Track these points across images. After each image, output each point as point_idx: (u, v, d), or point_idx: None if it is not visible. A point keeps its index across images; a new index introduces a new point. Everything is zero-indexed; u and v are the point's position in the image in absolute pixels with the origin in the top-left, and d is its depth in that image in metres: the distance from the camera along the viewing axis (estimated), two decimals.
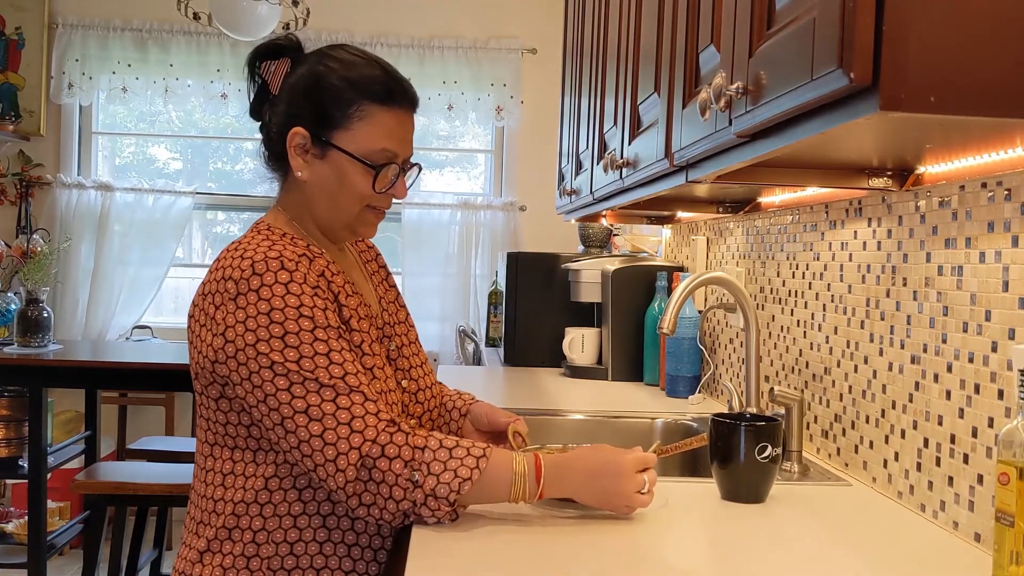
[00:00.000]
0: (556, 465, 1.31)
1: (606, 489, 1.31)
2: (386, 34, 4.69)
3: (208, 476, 1.39)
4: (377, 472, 1.23)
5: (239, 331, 1.28)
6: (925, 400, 1.41)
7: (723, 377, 2.43)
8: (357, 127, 1.39)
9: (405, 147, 1.45)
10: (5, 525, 3.94)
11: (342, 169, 1.40)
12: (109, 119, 4.88)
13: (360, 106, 1.39)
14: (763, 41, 1.07)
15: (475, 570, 1.14)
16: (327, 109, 1.39)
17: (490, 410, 1.63)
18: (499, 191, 4.89)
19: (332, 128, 1.39)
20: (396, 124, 1.43)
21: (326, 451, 1.23)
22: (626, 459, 1.31)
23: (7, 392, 3.53)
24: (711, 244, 2.59)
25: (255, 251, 1.32)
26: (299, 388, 1.25)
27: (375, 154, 1.40)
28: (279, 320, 1.27)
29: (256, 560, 1.33)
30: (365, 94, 1.39)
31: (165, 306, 4.83)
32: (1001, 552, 0.98)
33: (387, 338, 1.51)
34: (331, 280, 1.38)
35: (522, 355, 3.13)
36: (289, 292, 1.29)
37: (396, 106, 1.42)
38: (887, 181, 1.43)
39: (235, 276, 1.30)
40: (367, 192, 1.41)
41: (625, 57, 2.00)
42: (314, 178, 1.41)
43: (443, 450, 1.25)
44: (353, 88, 1.39)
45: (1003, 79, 0.82)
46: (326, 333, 1.29)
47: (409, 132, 1.46)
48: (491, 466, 1.26)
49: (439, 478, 1.23)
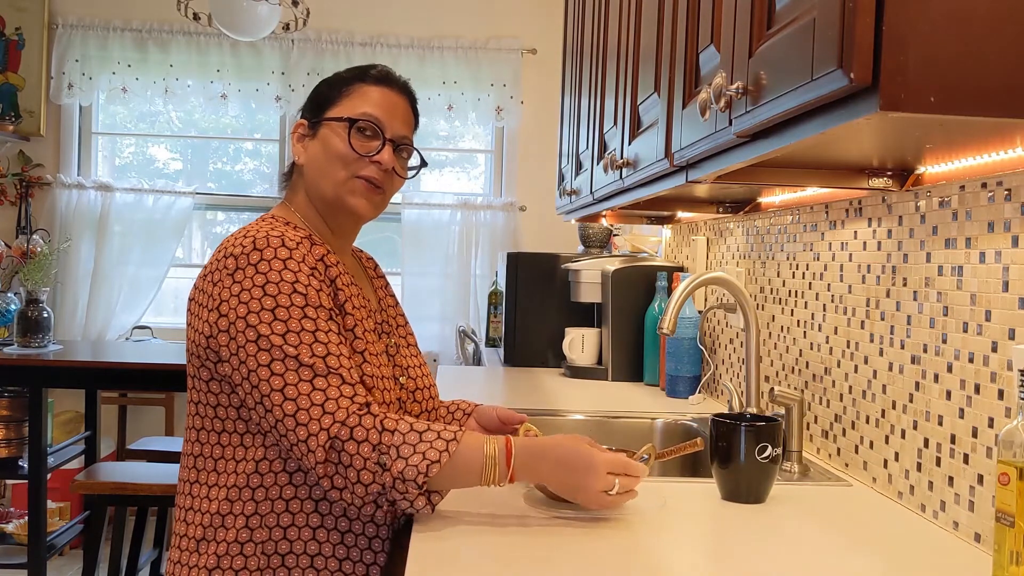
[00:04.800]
0: (527, 450, 1.30)
1: (574, 481, 1.30)
2: (386, 34, 4.69)
3: (198, 462, 1.40)
4: (345, 455, 1.23)
5: (232, 304, 1.31)
6: (925, 400, 1.41)
7: (723, 377, 2.43)
8: (345, 101, 1.48)
9: (392, 120, 1.48)
10: (5, 525, 3.94)
11: (329, 137, 1.47)
12: (109, 119, 4.88)
13: (352, 85, 1.49)
14: (763, 41, 1.07)
15: (475, 570, 1.14)
16: (326, 94, 1.50)
17: (499, 409, 1.64)
18: (499, 191, 4.89)
19: (326, 108, 1.48)
20: (382, 97, 1.48)
21: (299, 431, 1.25)
22: (599, 456, 1.31)
23: (7, 392, 3.53)
24: (711, 244, 2.59)
25: (258, 231, 1.37)
26: (279, 365, 1.27)
27: (357, 115, 1.46)
28: (272, 293, 1.30)
29: (250, 545, 1.34)
30: (356, 77, 1.50)
31: (165, 306, 4.83)
32: (1001, 552, 0.98)
33: (385, 334, 1.52)
34: (329, 266, 1.40)
35: (522, 355, 3.13)
36: (287, 268, 1.32)
37: (385, 86, 1.50)
38: (887, 181, 1.43)
39: (235, 252, 1.34)
40: (347, 152, 1.45)
41: (625, 57, 2.00)
42: (308, 157, 1.49)
43: (413, 433, 1.25)
44: (347, 74, 1.51)
45: (1003, 79, 0.82)
46: (316, 312, 1.31)
47: (398, 109, 1.50)
48: (462, 449, 1.26)
49: (408, 461, 1.23)
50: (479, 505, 1.34)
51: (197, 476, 1.40)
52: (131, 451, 3.77)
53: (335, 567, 1.35)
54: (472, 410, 1.65)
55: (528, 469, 1.30)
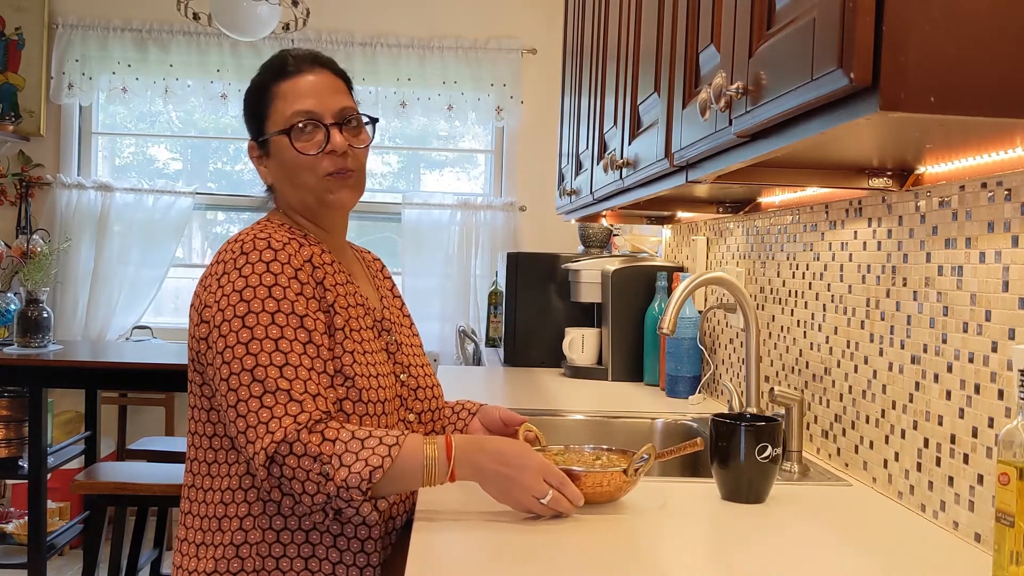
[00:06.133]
0: (468, 442, 1.31)
1: (508, 473, 1.29)
2: (386, 34, 4.69)
3: (195, 466, 1.42)
4: (288, 469, 1.24)
5: (213, 311, 1.34)
6: (925, 400, 1.41)
7: (723, 377, 2.43)
8: (274, 108, 1.46)
9: (322, 102, 1.45)
10: (5, 525, 3.94)
11: (280, 152, 1.46)
12: (109, 119, 4.88)
13: (269, 91, 1.47)
14: (763, 41, 1.07)
15: (475, 570, 1.14)
16: (255, 111, 1.49)
17: (502, 410, 1.64)
18: (499, 191, 4.89)
19: (263, 124, 1.48)
20: (304, 86, 1.46)
21: (248, 448, 1.28)
22: (536, 460, 1.31)
23: (7, 392, 3.53)
24: (711, 244, 2.59)
25: (247, 234, 1.39)
26: (235, 380, 1.29)
27: (290, 119, 1.44)
28: (248, 298, 1.32)
29: (246, 547, 1.35)
30: (270, 79, 1.48)
31: (165, 306, 4.83)
32: (1001, 552, 0.98)
33: (386, 331, 1.52)
34: (317, 267, 1.40)
35: (522, 355, 3.13)
36: (268, 271, 1.34)
37: (297, 74, 1.47)
38: (887, 181, 1.43)
39: (225, 259, 1.37)
40: (301, 159, 1.44)
41: (625, 57, 2.00)
42: (273, 176, 1.50)
43: (355, 441, 1.26)
44: (262, 81, 1.49)
45: (1003, 79, 0.82)
46: (287, 319, 1.32)
47: (323, 87, 1.47)
48: (404, 453, 1.26)
49: (351, 469, 1.23)
50: (479, 505, 1.34)
51: (193, 480, 1.41)
52: (131, 451, 3.76)
53: (328, 570, 1.35)
54: (476, 410, 1.65)
55: (468, 461, 1.29)
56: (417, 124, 4.82)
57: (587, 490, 1.36)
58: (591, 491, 1.36)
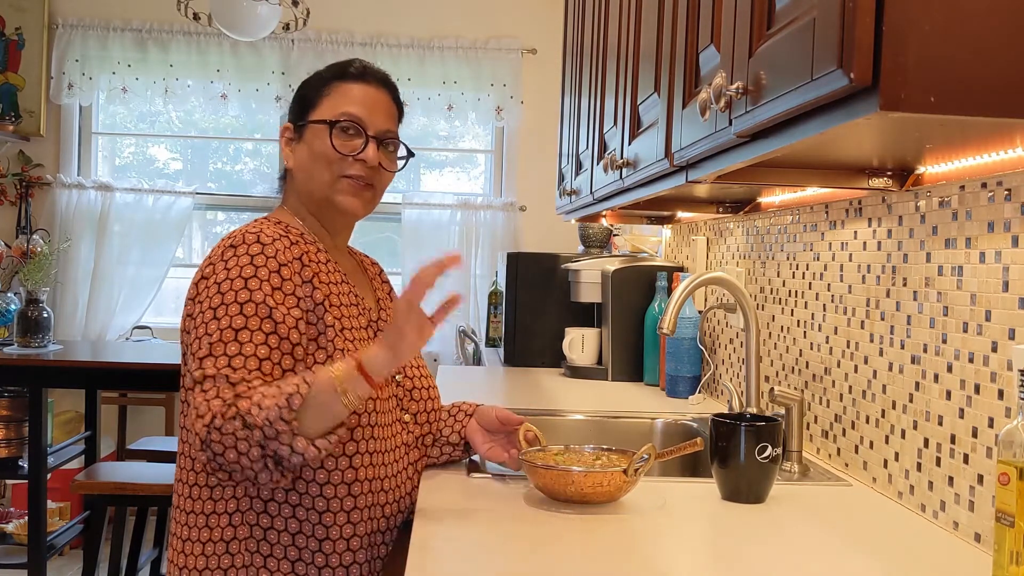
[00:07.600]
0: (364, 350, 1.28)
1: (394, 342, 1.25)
2: (386, 34, 4.69)
3: (184, 461, 1.42)
4: (218, 446, 1.24)
5: (193, 305, 1.37)
6: (925, 400, 1.41)
7: (723, 377, 2.43)
8: (326, 102, 1.50)
9: (373, 116, 1.49)
10: (5, 525, 3.94)
11: (314, 139, 1.49)
12: (109, 119, 4.88)
13: (330, 85, 1.51)
14: (763, 41, 1.07)
15: (475, 569, 1.14)
16: (306, 96, 1.53)
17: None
18: (499, 191, 4.89)
19: (309, 110, 1.50)
20: (361, 94, 1.50)
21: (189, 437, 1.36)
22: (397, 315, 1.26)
23: (7, 392, 3.53)
24: (711, 244, 2.59)
25: (239, 231, 1.41)
26: (191, 377, 1.32)
27: (338, 116, 1.48)
28: (224, 291, 1.34)
29: (235, 543, 1.36)
30: (335, 76, 1.52)
31: (165, 306, 4.82)
32: (1001, 552, 0.98)
33: (381, 331, 1.52)
34: (307, 264, 1.41)
35: (522, 355, 3.13)
36: (252, 263, 1.35)
37: (362, 81, 1.51)
38: (887, 181, 1.43)
39: (214, 255, 1.39)
40: (332, 153, 1.47)
41: (625, 57, 2.00)
42: (296, 161, 1.52)
43: (265, 387, 1.26)
44: (327, 73, 1.53)
45: (1003, 79, 0.82)
46: (256, 309, 1.32)
47: (379, 104, 1.52)
48: (316, 379, 1.24)
49: (268, 408, 1.21)
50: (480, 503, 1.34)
51: (185, 476, 1.43)
52: (131, 451, 3.77)
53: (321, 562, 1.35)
54: (473, 411, 1.65)
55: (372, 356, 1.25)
56: (417, 124, 4.82)
57: (587, 490, 1.36)
58: (591, 491, 1.36)
